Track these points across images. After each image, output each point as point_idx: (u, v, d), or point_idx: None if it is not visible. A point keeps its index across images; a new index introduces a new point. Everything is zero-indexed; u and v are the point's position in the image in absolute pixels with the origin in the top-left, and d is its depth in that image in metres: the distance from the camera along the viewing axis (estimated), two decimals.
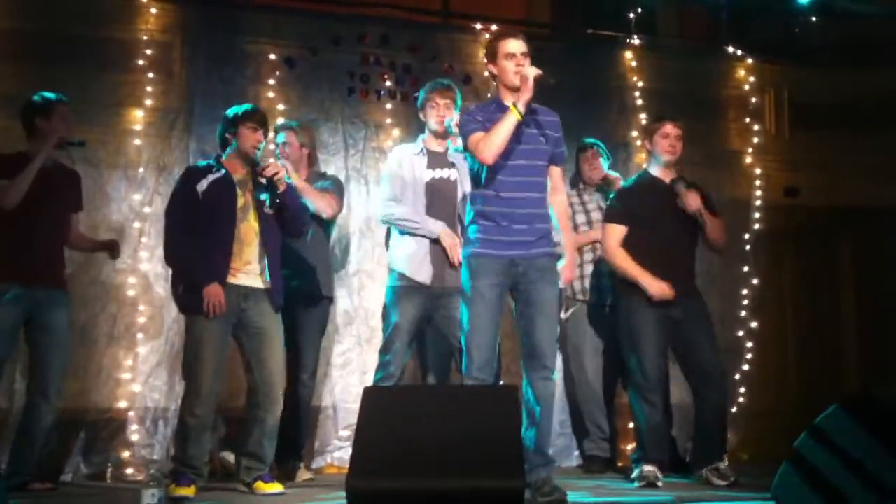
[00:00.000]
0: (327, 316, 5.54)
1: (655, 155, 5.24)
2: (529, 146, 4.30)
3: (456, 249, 4.90)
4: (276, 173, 4.74)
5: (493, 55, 4.34)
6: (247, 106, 4.90)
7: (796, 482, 3.71)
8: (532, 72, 4.20)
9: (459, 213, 5.00)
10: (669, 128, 5.20)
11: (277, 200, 4.74)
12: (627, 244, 5.15)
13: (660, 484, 4.95)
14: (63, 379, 4.98)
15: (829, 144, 7.03)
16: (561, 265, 4.41)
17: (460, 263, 4.51)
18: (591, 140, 6.13)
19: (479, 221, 4.31)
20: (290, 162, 5.34)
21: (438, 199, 5.05)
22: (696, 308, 5.17)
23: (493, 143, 4.18)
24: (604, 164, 6.05)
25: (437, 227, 5.00)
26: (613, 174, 6.04)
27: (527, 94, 4.19)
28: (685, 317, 5.10)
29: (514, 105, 4.19)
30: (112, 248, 5.17)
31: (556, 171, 4.46)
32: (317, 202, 5.30)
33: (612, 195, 5.53)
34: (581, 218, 5.94)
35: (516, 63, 4.26)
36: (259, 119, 4.84)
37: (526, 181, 4.29)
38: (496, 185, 4.26)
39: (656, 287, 5.02)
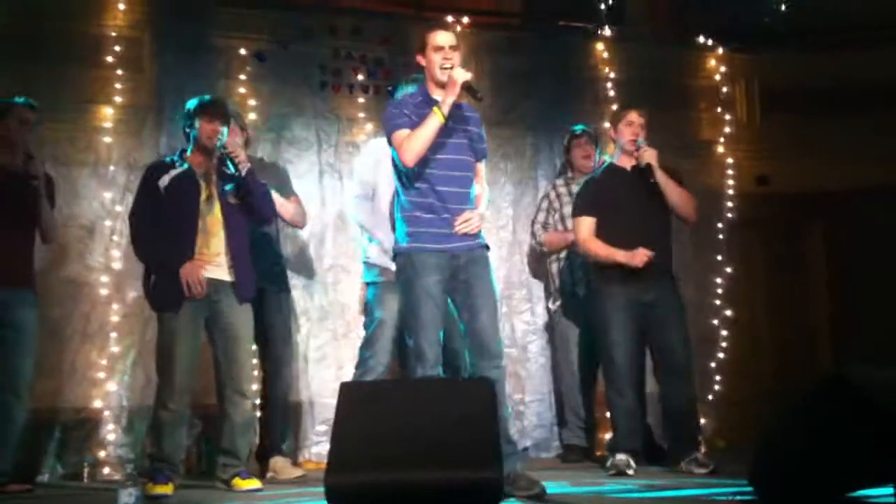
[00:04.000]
0: (290, 307, 5.57)
1: (619, 143, 5.27)
2: (456, 142, 4.29)
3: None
4: (238, 155, 4.72)
5: (422, 47, 4.32)
6: (203, 97, 4.88)
7: (771, 465, 3.74)
8: (461, 75, 4.19)
9: None
10: (633, 116, 5.24)
11: (240, 186, 4.73)
12: (598, 234, 5.18)
13: (630, 472, 4.98)
14: (33, 378, 4.93)
15: (799, 132, 7.07)
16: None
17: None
18: (584, 126, 6.13)
19: (415, 214, 4.25)
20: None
21: None
22: (669, 295, 5.19)
23: (416, 146, 4.16)
24: (597, 150, 6.05)
25: (374, 253, 5.02)
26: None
27: (451, 97, 4.19)
28: (656, 302, 5.12)
29: (438, 107, 4.18)
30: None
31: (478, 166, 4.46)
32: (292, 215, 5.37)
33: (580, 185, 5.55)
34: (568, 210, 5.90)
35: (443, 56, 4.25)
36: (214, 109, 4.81)
37: (457, 176, 4.28)
38: (429, 179, 4.23)
39: (632, 256, 5.03)
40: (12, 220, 4.89)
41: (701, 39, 7.18)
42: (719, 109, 7.17)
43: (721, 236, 6.94)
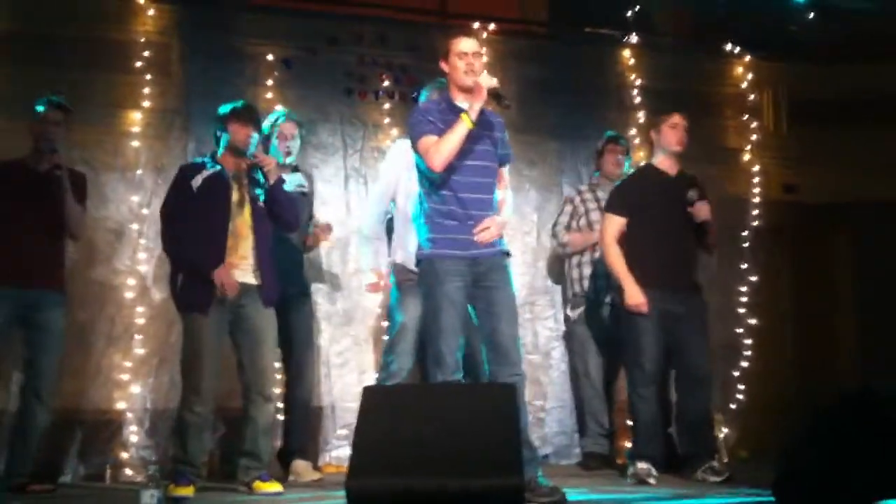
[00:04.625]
0: (312, 312, 5.59)
1: (662, 146, 5.24)
2: (481, 148, 4.31)
3: (375, 290, 5.23)
4: (268, 166, 4.75)
5: (445, 53, 4.34)
6: (236, 103, 4.93)
7: (795, 475, 3.72)
8: (487, 81, 4.20)
9: None
10: (678, 119, 5.23)
11: (267, 193, 4.76)
12: (628, 235, 5.15)
13: (651, 481, 4.95)
14: (57, 380, 4.95)
15: (826, 141, 7.02)
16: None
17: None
18: (616, 134, 6.12)
19: (437, 220, 4.27)
20: (293, 155, 5.36)
21: None
22: (696, 306, 5.17)
23: (444, 151, 4.17)
24: (627, 160, 6.04)
25: (368, 265, 5.22)
26: None
27: (479, 103, 4.20)
28: (684, 313, 5.09)
29: (466, 113, 4.19)
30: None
31: (502, 171, 4.48)
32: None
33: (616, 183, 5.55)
34: (595, 216, 5.88)
35: (467, 63, 4.26)
36: (247, 115, 4.86)
37: (481, 182, 4.30)
38: (452, 185, 4.25)
39: (633, 297, 5.04)
40: (39, 220, 4.92)
41: (728, 47, 7.15)
42: (746, 117, 7.13)
43: (746, 244, 6.90)
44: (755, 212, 6.99)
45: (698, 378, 5.12)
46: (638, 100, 6.84)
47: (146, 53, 5.84)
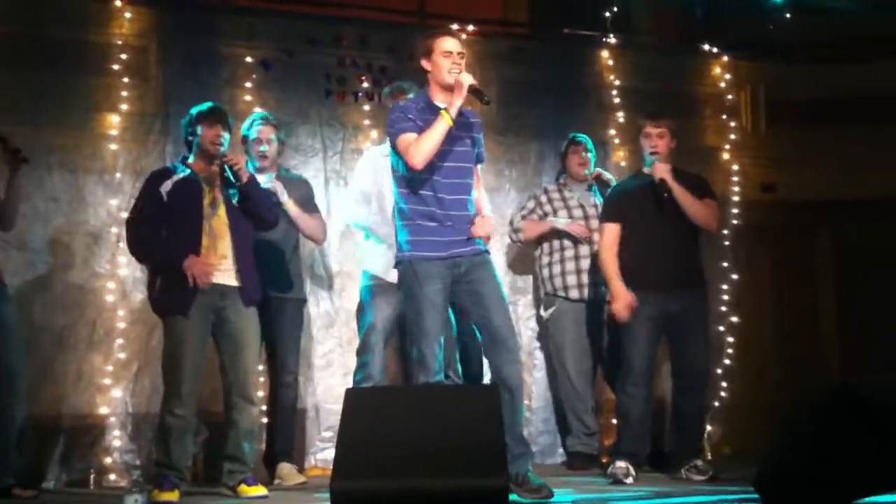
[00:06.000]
0: (303, 317, 5.56)
1: (644, 155, 5.30)
2: (459, 148, 4.30)
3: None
4: (237, 164, 4.75)
5: (428, 51, 4.29)
6: (205, 104, 4.91)
7: (778, 472, 3.74)
8: (467, 79, 4.19)
9: None
10: (649, 128, 5.28)
11: (240, 192, 4.76)
12: (622, 240, 5.19)
13: (628, 480, 4.96)
14: (25, 371, 4.85)
15: (805, 140, 7.08)
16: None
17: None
18: (580, 135, 6.14)
19: (417, 221, 4.25)
20: (269, 159, 5.32)
21: None
22: (695, 305, 5.18)
23: (424, 149, 4.15)
24: (592, 159, 6.07)
25: (378, 265, 5.19)
26: (607, 174, 6.06)
27: (459, 101, 4.19)
28: (681, 312, 5.11)
29: (446, 111, 4.18)
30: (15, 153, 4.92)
31: (476, 169, 4.47)
32: (311, 231, 5.44)
33: (608, 192, 5.58)
34: (563, 214, 5.93)
35: (452, 62, 4.24)
36: (215, 115, 4.85)
37: (459, 183, 4.29)
38: (432, 185, 4.23)
39: (618, 302, 5.09)
40: None
41: (706, 47, 7.19)
42: (724, 116, 7.17)
43: (727, 243, 6.93)
44: (734, 210, 7.02)
45: (693, 380, 5.15)
46: (617, 100, 6.85)
47: (124, 56, 5.79)
